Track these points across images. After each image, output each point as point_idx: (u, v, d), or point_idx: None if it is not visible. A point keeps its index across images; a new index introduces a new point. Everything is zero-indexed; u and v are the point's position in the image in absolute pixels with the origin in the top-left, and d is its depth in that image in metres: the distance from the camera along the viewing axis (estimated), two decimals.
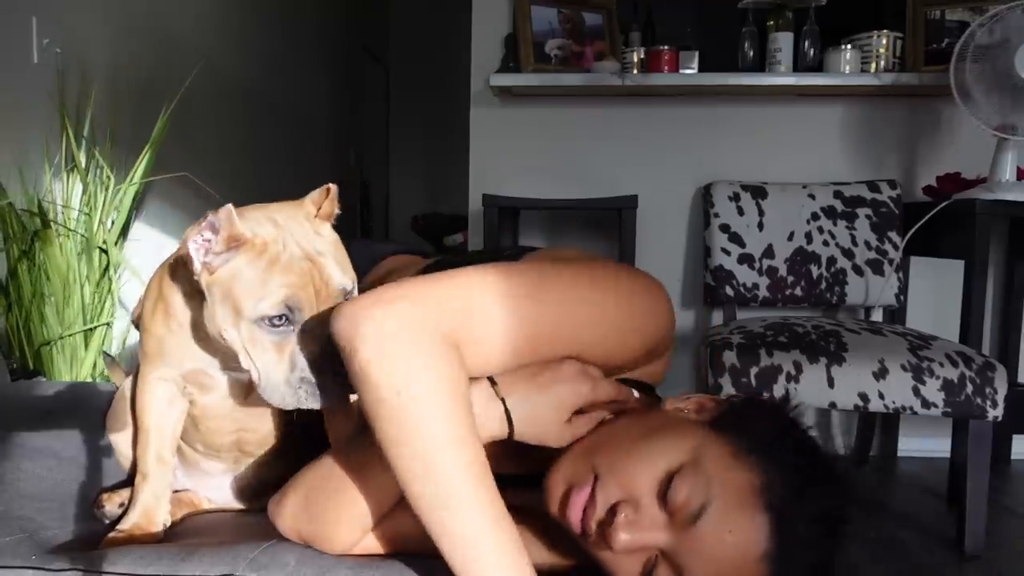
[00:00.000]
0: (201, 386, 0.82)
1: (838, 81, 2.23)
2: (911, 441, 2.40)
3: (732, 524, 0.62)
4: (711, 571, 0.63)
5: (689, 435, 0.68)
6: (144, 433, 0.83)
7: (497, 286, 0.67)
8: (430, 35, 5.96)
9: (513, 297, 0.67)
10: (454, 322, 0.64)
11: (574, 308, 0.70)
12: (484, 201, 2.13)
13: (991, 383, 1.60)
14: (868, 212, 2.20)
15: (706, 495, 0.62)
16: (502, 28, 2.46)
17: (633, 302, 0.74)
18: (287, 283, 0.68)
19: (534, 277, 0.69)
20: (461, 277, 0.67)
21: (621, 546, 0.63)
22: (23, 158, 1.81)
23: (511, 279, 0.68)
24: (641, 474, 0.65)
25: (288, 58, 3.72)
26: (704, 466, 0.64)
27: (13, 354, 1.69)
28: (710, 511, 0.62)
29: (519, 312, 0.67)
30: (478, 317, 0.65)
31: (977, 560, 1.67)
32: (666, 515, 0.64)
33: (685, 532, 0.63)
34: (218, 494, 0.94)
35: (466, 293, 0.66)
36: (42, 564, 0.71)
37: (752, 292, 2.18)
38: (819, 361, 1.64)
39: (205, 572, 0.69)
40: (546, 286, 0.69)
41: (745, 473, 0.64)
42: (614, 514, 0.64)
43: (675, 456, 0.65)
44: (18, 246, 1.65)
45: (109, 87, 2.13)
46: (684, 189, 2.44)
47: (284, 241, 0.69)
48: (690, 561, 0.63)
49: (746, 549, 0.62)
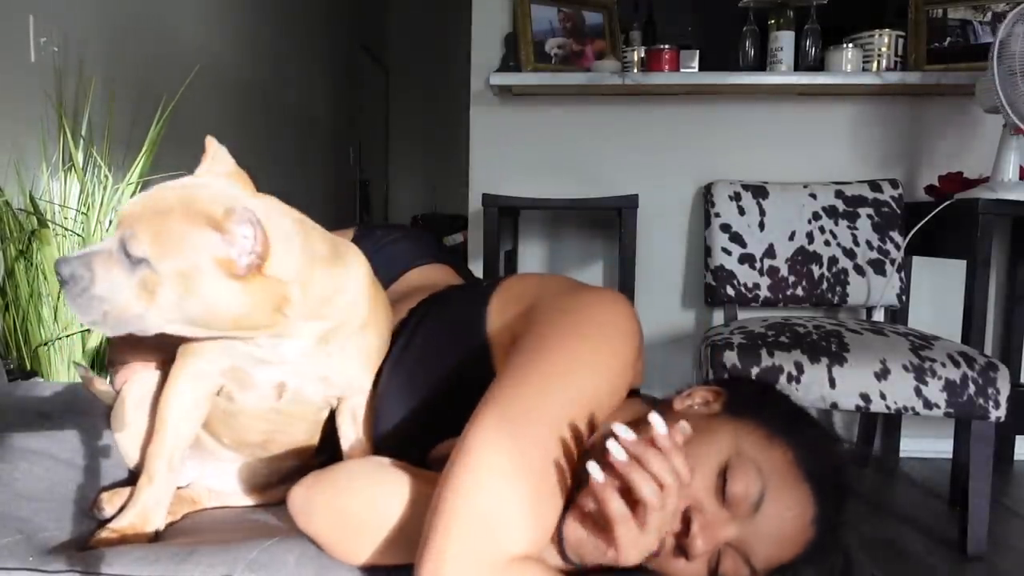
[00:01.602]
0: (241, 383, 0.81)
1: (840, 80, 2.22)
2: (913, 442, 2.40)
3: (788, 501, 0.67)
4: (775, 547, 0.67)
5: (719, 430, 0.70)
6: (160, 433, 0.81)
7: (496, 470, 0.63)
8: (430, 35, 5.96)
9: (510, 456, 0.64)
10: (493, 544, 0.62)
11: (566, 395, 0.68)
12: (484, 201, 2.13)
13: (993, 383, 1.60)
14: (870, 212, 2.19)
15: (761, 482, 0.66)
16: (502, 27, 2.45)
17: (604, 334, 0.73)
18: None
19: (518, 407, 0.66)
20: (464, 501, 0.63)
21: (701, 551, 0.65)
22: (20, 157, 1.80)
23: (501, 440, 0.64)
24: (697, 479, 0.67)
25: (288, 58, 3.71)
26: (748, 455, 0.68)
27: (10, 354, 1.68)
28: (768, 496, 0.66)
29: (525, 458, 0.64)
30: (501, 522, 0.63)
31: (979, 561, 1.66)
32: (727, 510, 0.67)
33: (749, 520, 0.66)
34: (222, 482, 0.93)
35: (479, 512, 0.62)
36: (39, 566, 0.70)
37: (753, 292, 2.18)
38: (820, 361, 1.64)
39: (204, 573, 0.68)
40: (530, 402, 0.66)
41: (780, 451, 0.69)
42: (686, 524, 0.66)
43: (719, 453, 0.68)
44: (15, 246, 1.64)
45: (107, 86, 2.12)
46: (685, 189, 2.43)
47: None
48: (756, 544, 0.67)
49: (802, 519, 0.67)
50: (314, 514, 0.73)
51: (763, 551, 0.67)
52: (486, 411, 0.67)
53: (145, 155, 1.93)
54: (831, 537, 0.70)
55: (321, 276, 0.74)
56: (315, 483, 0.74)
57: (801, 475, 0.68)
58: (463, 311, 0.86)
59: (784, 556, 0.68)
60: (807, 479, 0.68)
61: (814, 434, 0.73)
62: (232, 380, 0.81)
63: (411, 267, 1.06)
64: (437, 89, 5.94)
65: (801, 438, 0.71)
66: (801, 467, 0.68)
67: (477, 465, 0.63)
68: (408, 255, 1.07)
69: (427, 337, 0.86)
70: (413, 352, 0.86)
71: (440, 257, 1.11)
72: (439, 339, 0.84)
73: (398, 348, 0.87)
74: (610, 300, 0.76)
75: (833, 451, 0.73)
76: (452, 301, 0.89)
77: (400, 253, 1.07)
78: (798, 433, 0.71)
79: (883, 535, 1.80)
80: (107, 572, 0.69)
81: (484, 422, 0.66)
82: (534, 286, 0.83)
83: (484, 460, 0.63)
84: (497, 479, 0.63)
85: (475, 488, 0.62)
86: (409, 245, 1.09)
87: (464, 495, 0.62)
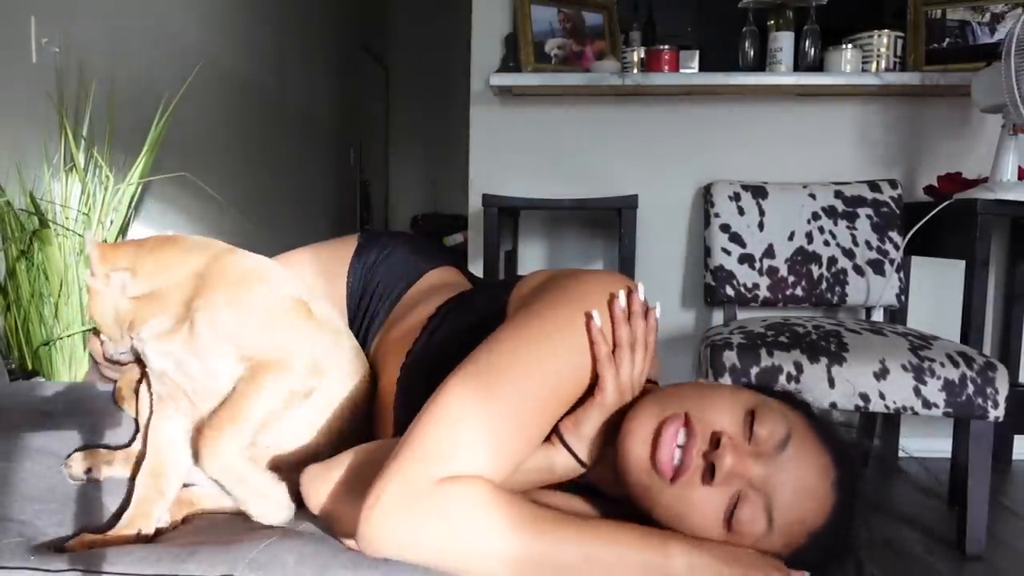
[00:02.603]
0: (160, 379, 0.86)
1: (839, 80, 2.22)
2: (912, 441, 2.40)
3: (812, 448, 0.69)
4: (798, 496, 0.67)
5: (743, 389, 0.74)
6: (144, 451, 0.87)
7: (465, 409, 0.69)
8: (430, 35, 5.96)
9: (473, 402, 0.69)
10: (443, 465, 0.66)
11: (539, 353, 0.72)
12: (484, 201, 2.13)
13: (992, 383, 1.60)
14: (869, 212, 2.20)
15: (787, 425, 0.69)
16: (502, 28, 2.45)
17: (590, 300, 0.76)
18: None
19: (491, 364, 0.71)
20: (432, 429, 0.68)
21: (728, 468, 0.66)
22: (22, 158, 1.81)
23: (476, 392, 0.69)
24: (725, 413, 0.70)
25: (288, 58, 3.71)
26: (773, 405, 0.71)
27: (12, 354, 1.69)
28: (793, 442, 0.68)
29: (488, 405, 0.69)
30: (449, 451, 0.67)
31: (978, 561, 1.67)
32: (753, 448, 0.68)
33: (774, 460, 0.68)
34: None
35: (445, 436, 0.68)
36: (40, 565, 0.70)
37: (752, 292, 2.18)
38: (820, 361, 1.64)
39: (205, 572, 0.68)
40: (503, 359, 0.71)
41: (802, 418, 0.72)
42: (716, 445, 0.67)
43: (747, 400, 0.71)
44: (16, 246, 1.64)
45: (108, 87, 2.12)
46: (684, 189, 2.43)
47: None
48: (779, 487, 0.67)
49: (826, 471, 0.68)
50: (324, 492, 0.75)
51: (785, 500, 0.67)
52: (462, 365, 0.72)
53: (146, 155, 1.94)
54: (849, 525, 0.71)
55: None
56: (330, 464, 0.77)
57: (821, 441, 0.70)
58: (484, 306, 0.90)
59: (804, 516, 0.67)
60: (827, 445, 0.70)
61: (829, 421, 0.76)
62: (156, 381, 0.86)
63: (425, 272, 1.09)
64: (437, 89, 5.94)
65: (818, 418, 0.75)
66: (820, 435, 0.71)
67: (439, 407, 0.68)
68: (420, 258, 1.11)
69: (451, 331, 0.89)
70: (437, 345, 0.89)
71: (447, 259, 1.15)
72: (461, 335, 0.87)
73: (422, 342, 0.90)
74: (607, 275, 0.80)
75: (847, 435, 0.76)
76: (475, 298, 0.94)
77: (410, 259, 1.11)
78: (814, 414, 0.75)
79: (882, 535, 1.80)
80: (108, 571, 0.69)
81: (456, 375, 0.71)
82: (546, 275, 0.87)
83: (446, 404, 0.68)
84: (454, 420, 0.67)
85: (432, 423, 0.68)
86: (416, 248, 1.13)
87: (426, 423, 0.68)
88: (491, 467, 0.67)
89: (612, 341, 0.74)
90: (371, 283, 1.08)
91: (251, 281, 0.86)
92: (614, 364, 0.74)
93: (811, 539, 0.68)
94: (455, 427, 0.67)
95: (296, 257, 1.11)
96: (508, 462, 0.69)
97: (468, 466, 0.66)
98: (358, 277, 1.09)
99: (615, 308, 0.75)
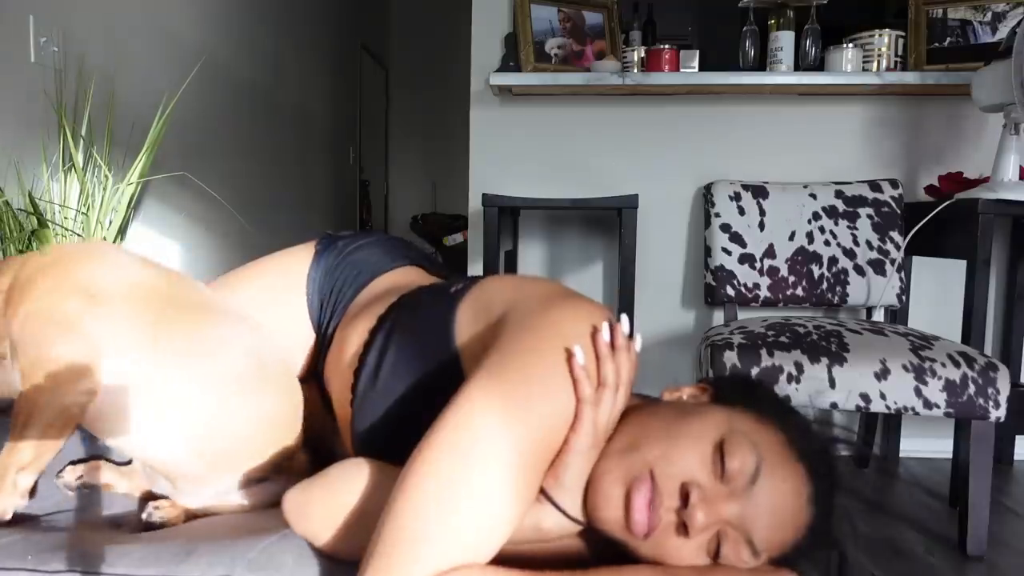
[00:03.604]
0: None
1: (840, 80, 2.22)
2: (913, 442, 2.40)
3: (784, 473, 0.67)
4: (775, 524, 0.67)
5: (711, 413, 0.71)
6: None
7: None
8: (430, 35, 5.97)
9: (449, 482, 0.64)
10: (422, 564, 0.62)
11: (517, 422, 0.66)
12: (484, 201, 2.13)
13: (993, 384, 1.60)
14: (870, 212, 2.19)
15: (756, 456, 0.66)
16: (502, 27, 2.45)
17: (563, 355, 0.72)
18: None
19: (469, 434, 0.65)
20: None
21: (701, 524, 0.65)
22: (20, 157, 1.80)
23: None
24: (693, 455, 0.67)
25: (288, 58, 3.71)
26: (743, 431, 0.68)
27: None
28: (764, 470, 0.66)
29: (464, 486, 0.64)
30: (428, 544, 0.63)
31: (979, 561, 1.66)
32: (725, 486, 0.66)
33: (747, 494, 0.66)
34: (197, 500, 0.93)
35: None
36: (38, 565, 0.70)
37: (753, 292, 2.18)
38: (820, 361, 1.64)
39: (203, 572, 0.68)
40: (481, 432, 0.65)
41: (772, 431, 0.70)
42: (684, 499, 0.66)
43: (714, 431, 0.68)
44: (15, 246, 1.64)
45: (107, 86, 2.12)
46: (685, 189, 2.43)
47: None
48: (756, 520, 0.66)
49: (799, 493, 0.67)
50: (309, 514, 0.73)
51: (763, 528, 0.66)
52: (432, 435, 0.66)
53: (145, 155, 1.93)
54: (828, 524, 0.70)
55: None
56: (309, 485, 0.75)
57: (794, 454, 0.68)
58: (431, 317, 0.84)
59: (785, 537, 0.67)
60: (800, 458, 0.68)
61: (801, 419, 0.74)
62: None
63: (377, 275, 1.03)
64: (437, 89, 5.94)
65: (790, 422, 0.72)
66: (793, 447, 0.69)
67: (409, 495, 0.63)
68: (373, 261, 1.05)
69: (399, 345, 0.84)
70: (388, 360, 0.84)
71: (411, 259, 1.09)
72: (409, 348, 0.83)
73: (372, 357, 0.85)
74: (587, 305, 0.74)
75: (821, 434, 0.74)
76: (420, 305, 0.87)
77: (364, 260, 1.05)
78: (786, 418, 0.73)
79: (883, 535, 1.80)
80: (107, 572, 0.69)
81: (427, 448, 0.65)
82: (510, 291, 0.80)
83: (418, 487, 0.63)
84: (428, 507, 0.62)
85: (406, 515, 0.63)
86: (374, 251, 1.07)
87: (399, 514, 0.63)
88: (478, 551, 0.63)
89: (596, 380, 0.69)
90: (329, 287, 1.03)
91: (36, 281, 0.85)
92: (595, 405, 0.69)
93: (794, 549, 0.69)
94: (431, 517, 0.62)
95: (245, 274, 1.07)
96: (498, 537, 0.65)
97: (452, 557, 0.62)
98: (316, 285, 1.04)
99: (599, 343, 0.70)
